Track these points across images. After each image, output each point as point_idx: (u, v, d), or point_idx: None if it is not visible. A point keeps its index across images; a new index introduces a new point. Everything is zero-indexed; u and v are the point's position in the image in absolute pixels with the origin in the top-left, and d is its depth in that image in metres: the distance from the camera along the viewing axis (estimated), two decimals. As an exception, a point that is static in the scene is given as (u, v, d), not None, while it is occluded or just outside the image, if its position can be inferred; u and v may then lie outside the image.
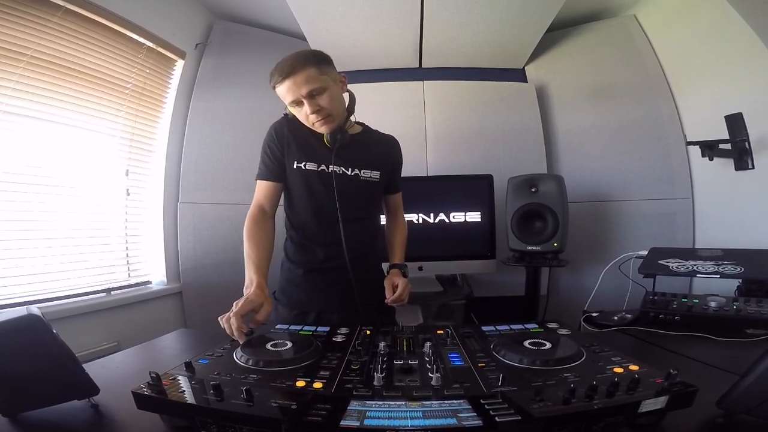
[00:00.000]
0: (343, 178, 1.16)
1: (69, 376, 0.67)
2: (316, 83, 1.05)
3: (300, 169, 1.16)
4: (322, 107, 1.08)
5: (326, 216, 1.16)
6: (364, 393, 0.58)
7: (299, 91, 1.05)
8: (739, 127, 1.73)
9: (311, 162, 1.16)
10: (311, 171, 1.16)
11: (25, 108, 1.54)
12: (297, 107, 1.10)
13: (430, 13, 2.03)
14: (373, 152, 1.23)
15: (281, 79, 1.05)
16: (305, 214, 1.18)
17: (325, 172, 1.16)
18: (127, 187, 1.99)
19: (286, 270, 1.26)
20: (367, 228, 1.24)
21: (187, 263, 2.21)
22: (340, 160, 1.16)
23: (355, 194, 1.18)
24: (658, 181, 2.26)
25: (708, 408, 0.59)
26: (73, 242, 1.75)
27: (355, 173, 1.18)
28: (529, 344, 0.75)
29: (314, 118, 1.08)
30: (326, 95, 1.08)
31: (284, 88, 1.06)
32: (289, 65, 1.04)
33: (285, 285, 1.26)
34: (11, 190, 1.52)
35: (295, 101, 1.07)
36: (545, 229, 1.98)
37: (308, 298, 1.20)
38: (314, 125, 1.12)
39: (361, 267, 1.19)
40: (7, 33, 1.45)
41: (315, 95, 1.07)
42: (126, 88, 1.95)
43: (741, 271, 1.19)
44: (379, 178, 1.21)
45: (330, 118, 1.10)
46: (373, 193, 1.24)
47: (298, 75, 1.04)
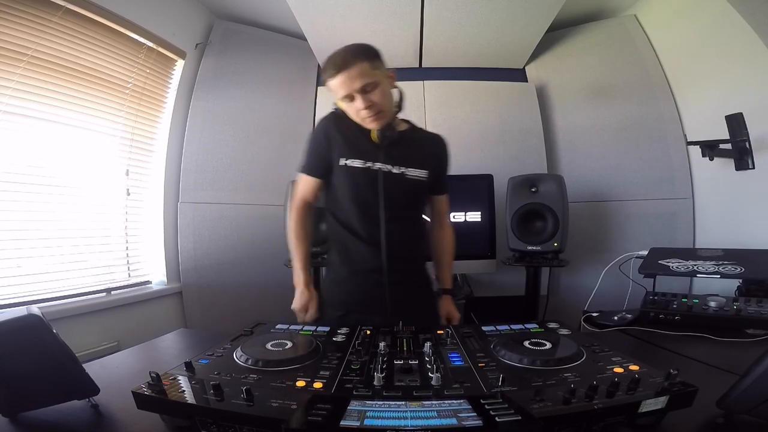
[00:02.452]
0: (388, 176, 1.14)
1: (69, 376, 0.67)
2: (369, 78, 1.05)
3: (345, 166, 1.14)
4: (375, 102, 1.07)
5: (370, 215, 1.14)
6: (364, 393, 0.58)
7: (352, 85, 1.04)
8: (739, 127, 1.73)
9: (357, 159, 1.13)
10: (357, 168, 1.13)
11: (26, 108, 1.54)
12: (348, 102, 1.08)
13: (430, 13, 2.03)
14: (420, 150, 1.19)
15: (335, 72, 1.03)
16: (349, 212, 1.16)
17: (370, 170, 1.13)
18: (127, 186, 1.99)
19: (331, 270, 1.24)
20: (412, 228, 1.21)
21: (187, 263, 2.21)
22: (386, 158, 1.14)
23: (400, 193, 1.15)
24: (658, 181, 2.26)
25: (708, 408, 0.59)
26: (73, 242, 1.75)
27: (402, 171, 1.14)
28: (529, 344, 0.75)
29: (366, 113, 1.07)
30: (378, 90, 1.07)
31: (337, 82, 1.04)
32: (342, 59, 1.03)
33: (329, 285, 1.23)
34: (11, 190, 1.52)
35: (347, 95, 1.06)
36: (545, 229, 1.98)
37: (352, 299, 1.18)
38: (364, 120, 1.10)
39: (404, 268, 1.16)
40: (7, 33, 1.46)
41: (368, 90, 1.06)
42: (126, 88, 1.95)
43: (741, 271, 1.19)
44: (426, 177, 1.17)
45: (381, 114, 1.09)
46: (419, 193, 1.20)
47: (351, 69, 1.03)
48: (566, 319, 0.99)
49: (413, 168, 1.16)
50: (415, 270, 1.23)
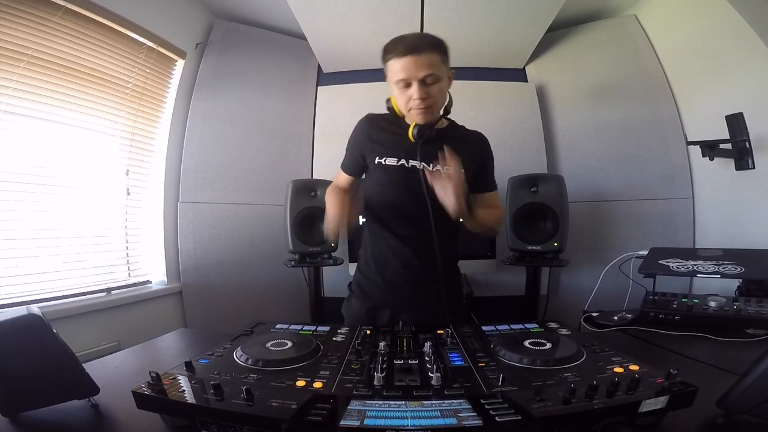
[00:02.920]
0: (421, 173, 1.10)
1: (69, 375, 0.67)
2: (434, 70, 1.01)
3: (380, 165, 1.13)
4: (430, 96, 1.03)
5: (403, 212, 1.13)
6: (364, 393, 0.58)
7: (417, 72, 0.99)
8: (739, 127, 1.73)
9: (391, 157, 1.13)
10: (391, 166, 1.12)
11: (26, 108, 1.54)
12: (402, 88, 1.04)
13: (430, 13, 2.03)
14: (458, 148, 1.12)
15: (404, 53, 0.99)
16: (383, 209, 1.16)
17: (404, 167, 1.12)
18: (127, 186, 1.99)
19: (362, 264, 1.24)
20: (446, 228, 1.16)
21: (187, 263, 2.21)
22: (422, 155, 1.11)
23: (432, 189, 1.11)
24: (658, 181, 2.26)
25: (708, 408, 0.59)
26: (73, 242, 1.75)
27: (437, 169, 1.10)
28: (529, 344, 0.75)
29: (417, 103, 1.03)
30: (438, 86, 1.05)
31: (402, 64, 0.99)
32: (416, 43, 1.00)
33: (360, 278, 1.23)
34: (12, 190, 1.52)
35: (405, 80, 1.01)
36: (545, 229, 1.99)
37: (381, 295, 1.17)
38: (411, 111, 1.07)
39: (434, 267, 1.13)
40: (8, 33, 1.45)
41: (428, 83, 1.02)
42: (126, 87, 1.95)
43: (741, 271, 1.19)
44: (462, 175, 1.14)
45: (431, 109, 1.06)
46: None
47: (423, 56, 0.99)
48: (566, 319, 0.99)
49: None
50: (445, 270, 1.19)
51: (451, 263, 1.24)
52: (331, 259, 2.10)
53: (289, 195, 2.01)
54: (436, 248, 1.10)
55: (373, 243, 1.20)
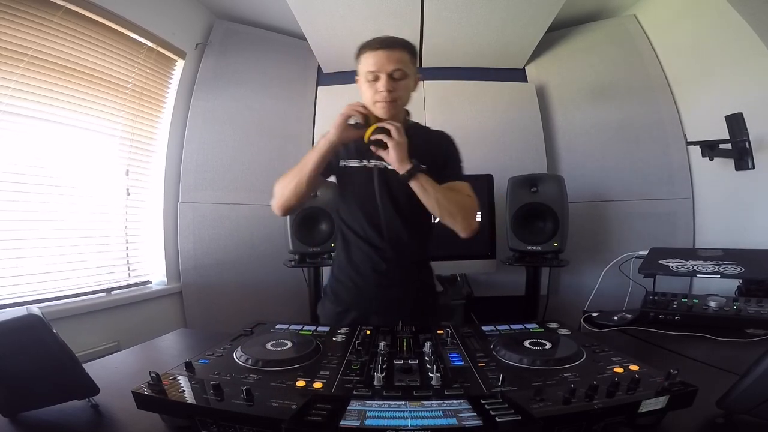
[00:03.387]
0: (384, 172, 1.14)
1: (69, 376, 0.67)
2: (403, 66, 1.07)
3: (345, 167, 1.17)
4: (396, 90, 1.08)
5: (369, 213, 1.14)
6: (364, 393, 0.58)
7: (387, 66, 1.05)
8: (739, 127, 1.73)
9: (353, 159, 1.17)
10: (353, 168, 1.16)
11: (26, 108, 1.54)
12: (370, 81, 1.08)
13: (430, 13, 2.03)
14: (419, 146, 1.12)
15: (377, 47, 1.06)
16: (351, 211, 1.18)
17: (366, 167, 1.15)
18: (127, 186, 1.99)
19: (335, 267, 1.25)
20: (413, 228, 1.17)
21: (187, 263, 2.21)
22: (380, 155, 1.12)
23: (397, 189, 1.13)
24: (658, 181, 2.26)
25: (708, 408, 0.59)
26: (73, 242, 1.75)
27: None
28: (529, 344, 0.75)
29: (384, 95, 1.07)
30: (404, 83, 1.10)
31: (374, 57, 1.06)
32: (390, 40, 1.07)
33: (333, 282, 1.24)
34: (12, 190, 1.52)
35: (375, 73, 1.07)
36: (545, 229, 1.98)
37: (351, 298, 1.18)
38: (377, 104, 1.09)
39: (403, 268, 1.16)
40: (8, 33, 1.45)
41: (396, 78, 1.07)
42: (126, 88, 1.95)
43: (741, 271, 1.19)
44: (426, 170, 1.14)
45: (395, 103, 1.09)
46: None
47: (394, 51, 1.06)
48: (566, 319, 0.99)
49: None
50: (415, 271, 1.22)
51: (420, 265, 1.24)
52: (331, 260, 2.09)
53: (289, 195, 2.01)
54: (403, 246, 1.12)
55: (343, 246, 1.21)
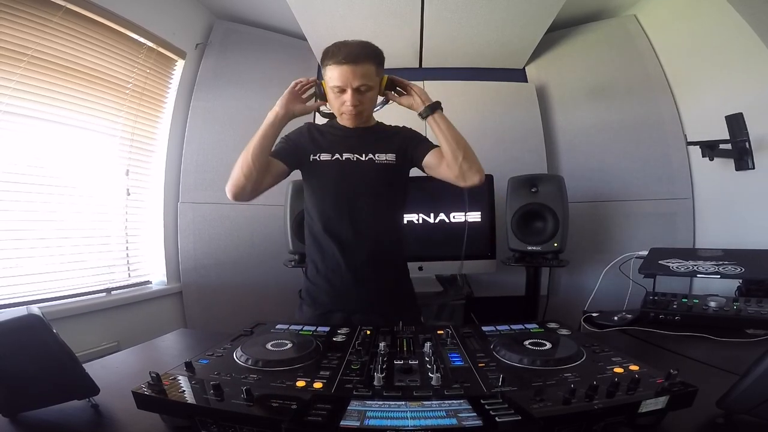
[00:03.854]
0: (356, 164, 1.15)
1: (69, 376, 0.67)
2: (368, 81, 1.08)
3: (316, 161, 1.17)
4: (362, 103, 1.11)
5: (341, 208, 1.15)
6: (364, 393, 0.58)
7: (353, 81, 1.06)
8: (739, 127, 1.73)
9: (325, 153, 1.17)
10: (325, 161, 1.16)
11: (26, 108, 1.54)
12: (337, 93, 1.10)
13: (431, 13, 2.03)
14: (387, 137, 1.21)
15: (343, 62, 1.05)
16: (322, 207, 1.17)
17: (339, 161, 1.16)
18: (127, 186, 1.99)
19: (308, 270, 1.24)
20: (387, 222, 1.20)
21: (187, 263, 2.21)
22: (353, 148, 1.17)
23: (371, 180, 1.15)
24: (658, 181, 2.26)
25: (708, 408, 0.59)
26: (73, 242, 1.75)
27: (369, 158, 1.16)
28: (529, 344, 0.75)
29: (349, 109, 1.10)
30: (370, 95, 1.11)
31: (339, 72, 1.06)
32: (355, 54, 1.05)
33: (308, 285, 1.23)
34: (12, 190, 1.52)
35: (341, 87, 1.08)
36: (545, 229, 1.98)
37: (329, 298, 1.18)
38: (342, 115, 1.14)
39: (378, 263, 1.16)
40: (8, 33, 1.45)
41: (362, 91, 1.09)
42: (126, 88, 1.95)
43: (741, 271, 1.19)
44: (394, 160, 1.18)
45: (360, 115, 1.14)
46: (392, 179, 1.19)
47: (359, 66, 1.05)
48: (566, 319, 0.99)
49: (380, 153, 1.17)
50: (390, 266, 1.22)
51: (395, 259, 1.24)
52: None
53: (289, 195, 2.01)
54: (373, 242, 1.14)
55: (316, 246, 1.19)
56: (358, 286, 1.15)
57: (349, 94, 1.08)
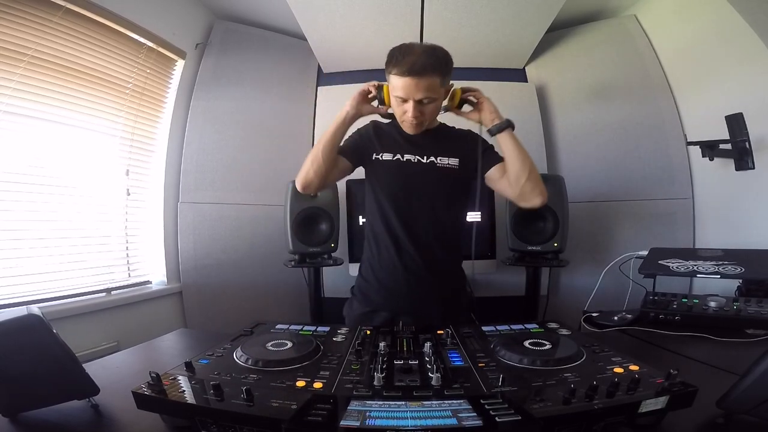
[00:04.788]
0: (417, 165, 1.15)
1: (69, 376, 0.67)
2: (433, 94, 1.05)
3: (378, 160, 1.17)
4: (424, 114, 1.08)
5: (400, 207, 1.14)
6: (364, 393, 0.58)
7: (416, 94, 1.03)
8: (739, 127, 1.72)
9: (388, 153, 1.17)
10: (387, 161, 1.16)
11: (26, 108, 1.54)
12: (400, 101, 1.07)
13: (431, 13, 2.03)
14: (450, 141, 1.19)
15: (405, 73, 1.00)
16: (381, 207, 1.17)
17: (400, 161, 1.15)
18: (127, 186, 1.99)
19: (363, 267, 1.25)
20: (445, 225, 1.18)
21: (187, 263, 2.21)
22: (415, 149, 1.16)
23: (431, 183, 1.14)
24: (658, 181, 2.26)
25: (708, 408, 0.59)
26: (73, 242, 1.74)
27: (431, 161, 1.15)
28: (529, 344, 0.75)
29: (411, 120, 1.08)
30: (433, 105, 1.09)
31: (403, 83, 1.02)
32: (421, 65, 1.00)
33: (361, 282, 1.24)
34: (11, 190, 1.52)
35: (404, 98, 1.05)
36: (545, 229, 1.98)
37: (380, 298, 1.17)
38: (404, 123, 1.12)
39: (433, 267, 1.15)
40: (8, 33, 1.45)
41: (425, 103, 1.06)
42: (126, 88, 1.94)
43: (741, 271, 1.19)
44: (458, 165, 1.16)
45: (421, 125, 1.11)
46: (453, 182, 1.17)
47: (424, 79, 1.01)
48: (566, 319, 1.00)
49: (443, 156, 1.16)
50: (445, 270, 1.20)
51: (452, 264, 1.23)
52: (331, 260, 2.10)
53: (289, 195, 2.01)
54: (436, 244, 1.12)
55: (372, 244, 1.20)
56: (410, 287, 1.15)
57: (410, 105, 1.05)
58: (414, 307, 1.15)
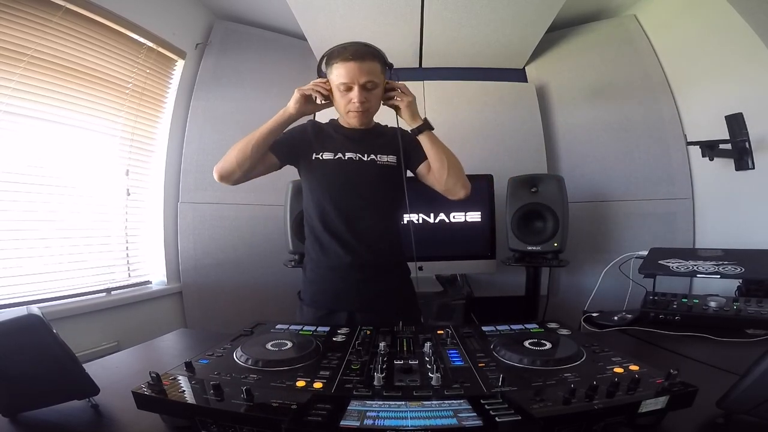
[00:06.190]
0: (359, 164, 1.16)
1: (69, 376, 0.67)
2: (375, 78, 1.09)
3: (318, 160, 1.17)
4: (369, 101, 1.11)
5: (343, 206, 1.15)
6: (364, 393, 0.58)
7: (360, 77, 1.07)
8: (739, 127, 1.73)
9: (328, 152, 1.17)
10: (328, 160, 1.17)
11: (26, 108, 1.54)
12: (344, 91, 1.10)
13: (431, 13, 2.03)
14: (386, 139, 1.22)
15: (350, 59, 1.05)
16: (322, 206, 1.17)
17: (341, 160, 1.16)
18: (127, 186, 1.99)
19: (308, 270, 1.23)
20: (388, 222, 1.21)
21: (187, 263, 2.21)
22: (355, 147, 1.18)
23: (373, 180, 1.16)
24: (658, 181, 2.26)
25: (708, 408, 0.59)
26: (73, 242, 1.75)
27: (371, 158, 1.17)
28: (529, 344, 0.75)
29: (357, 106, 1.10)
30: (376, 92, 1.12)
31: (346, 69, 1.06)
32: (362, 52, 1.07)
33: (308, 285, 1.23)
34: (11, 190, 1.52)
35: (347, 84, 1.08)
36: (545, 229, 1.98)
37: (329, 298, 1.18)
38: (349, 114, 1.14)
39: (378, 262, 1.17)
40: (7, 33, 1.45)
41: (369, 88, 1.10)
42: (126, 88, 1.94)
43: (741, 271, 1.19)
44: (395, 162, 1.19)
45: (367, 113, 1.14)
46: (394, 180, 1.19)
47: (366, 63, 1.06)
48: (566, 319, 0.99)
49: (382, 154, 1.18)
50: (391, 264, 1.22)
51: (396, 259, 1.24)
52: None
53: (289, 195, 2.01)
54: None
55: (316, 246, 1.19)
56: (358, 285, 1.16)
57: (356, 91, 1.08)
58: (368, 304, 1.15)
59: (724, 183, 1.99)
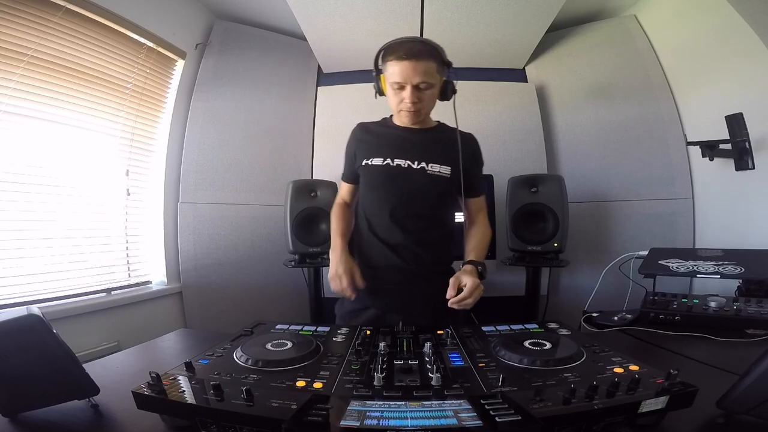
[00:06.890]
0: (407, 171, 1.13)
1: (69, 376, 0.67)
2: (430, 78, 1.05)
3: (367, 165, 1.17)
4: (422, 101, 1.09)
5: (389, 211, 1.14)
6: (364, 393, 0.58)
7: (414, 78, 1.03)
8: (739, 127, 1.73)
9: (377, 157, 1.16)
10: (377, 166, 1.16)
11: (26, 108, 1.54)
12: (396, 89, 1.07)
13: (431, 13, 2.03)
14: (444, 147, 1.15)
15: (404, 57, 1.02)
16: (371, 209, 1.18)
17: (389, 166, 1.14)
18: (127, 187, 1.99)
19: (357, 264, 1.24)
20: (434, 228, 1.18)
21: (187, 263, 2.21)
22: (406, 154, 1.14)
23: (420, 189, 1.13)
24: (658, 181, 2.26)
25: (708, 408, 0.59)
26: (73, 242, 1.74)
27: (421, 167, 1.13)
28: (529, 344, 0.75)
29: (408, 106, 1.08)
30: (430, 92, 1.09)
31: (401, 68, 1.03)
32: (418, 49, 1.03)
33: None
34: (11, 190, 1.52)
35: (401, 83, 1.05)
36: (545, 229, 1.98)
37: (369, 296, 1.17)
38: (401, 113, 1.12)
39: (423, 269, 1.15)
40: (8, 33, 1.45)
41: (422, 89, 1.07)
42: (126, 88, 1.94)
43: (741, 271, 1.19)
44: (449, 173, 1.14)
45: (419, 112, 1.12)
46: (443, 190, 1.16)
47: (422, 62, 1.03)
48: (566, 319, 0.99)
49: (434, 164, 1.14)
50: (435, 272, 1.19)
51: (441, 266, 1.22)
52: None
53: (289, 195, 2.01)
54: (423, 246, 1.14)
55: (363, 244, 1.20)
56: (401, 286, 1.16)
57: (408, 91, 1.05)
58: (402, 306, 1.15)
59: (724, 183, 1.99)
